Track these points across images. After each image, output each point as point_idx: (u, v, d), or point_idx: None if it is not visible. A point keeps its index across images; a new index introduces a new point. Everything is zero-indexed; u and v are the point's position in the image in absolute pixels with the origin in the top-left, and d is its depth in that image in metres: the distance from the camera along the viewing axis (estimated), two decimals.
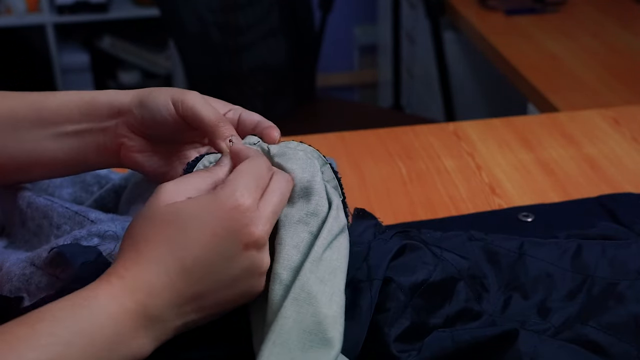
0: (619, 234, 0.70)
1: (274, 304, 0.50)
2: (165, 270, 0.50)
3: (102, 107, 0.62)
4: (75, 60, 2.72)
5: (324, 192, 0.56)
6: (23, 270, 0.59)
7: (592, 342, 0.56)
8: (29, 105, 0.63)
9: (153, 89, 0.62)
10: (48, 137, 0.63)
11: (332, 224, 0.54)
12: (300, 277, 0.51)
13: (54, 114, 0.62)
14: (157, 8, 1.85)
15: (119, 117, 0.62)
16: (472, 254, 0.64)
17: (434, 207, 0.84)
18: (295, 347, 0.48)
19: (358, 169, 0.92)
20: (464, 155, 0.95)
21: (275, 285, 0.51)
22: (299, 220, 0.53)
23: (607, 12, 1.89)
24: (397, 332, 0.56)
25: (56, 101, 0.63)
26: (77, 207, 0.63)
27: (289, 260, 0.52)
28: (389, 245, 0.60)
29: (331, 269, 0.52)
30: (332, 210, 0.55)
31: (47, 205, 0.64)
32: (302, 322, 0.49)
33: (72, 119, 0.62)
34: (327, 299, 0.51)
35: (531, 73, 1.56)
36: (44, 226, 0.63)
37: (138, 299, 0.49)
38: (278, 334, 0.49)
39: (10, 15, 2.55)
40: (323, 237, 0.53)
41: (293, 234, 0.53)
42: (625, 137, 0.98)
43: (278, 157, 0.57)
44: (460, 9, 1.95)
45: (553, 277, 0.63)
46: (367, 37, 2.81)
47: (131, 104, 0.62)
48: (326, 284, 0.51)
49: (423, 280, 0.59)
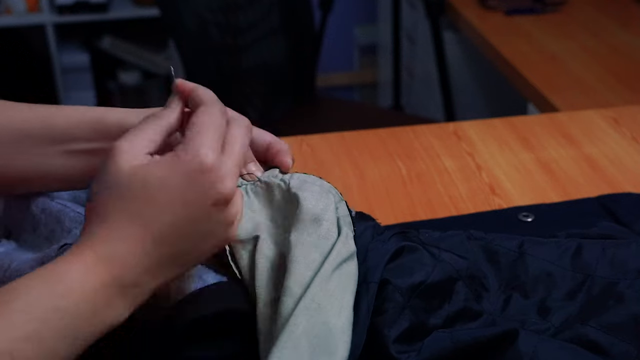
0: (620, 234, 0.70)
1: (284, 314, 0.52)
2: (139, 242, 0.50)
3: (111, 127, 0.62)
4: (75, 60, 2.71)
5: (335, 221, 0.57)
6: (32, 268, 0.59)
7: (592, 342, 0.56)
8: (40, 120, 0.63)
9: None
10: (58, 154, 0.62)
11: (340, 248, 0.56)
12: (311, 289, 0.52)
13: (63, 131, 0.62)
14: (157, 8, 1.85)
15: None
16: (472, 254, 0.64)
17: (434, 207, 0.84)
18: (304, 352, 0.49)
19: (358, 169, 0.92)
20: (464, 155, 0.95)
21: (286, 298, 0.52)
22: (310, 243, 0.55)
23: (607, 12, 1.89)
24: (396, 333, 0.56)
25: (65, 118, 0.63)
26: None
27: (301, 277, 0.53)
28: (387, 247, 0.60)
29: (341, 287, 0.54)
30: (341, 236, 0.57)
31: (60, 210, 0.64)
32: (312, 329, 0.51)
33: (82, 137, 0.62)
34: (337, 311, 0.52)
35: (531, 73, 1.56)
36: (56, 231, 0.63)
37: (113, 272, 0.49)
38: (288, 338, 0.50)
39: (10, 15, 2.55)
40: (332, 258, 0.55)
41: (306, 254, 0.54)
42: (625, 137, 0.98)
43: (295, 189, 0.58)
44: (460, 9, 1.95)
45: (553, 277, 0.63)
46: (367, 37, 2.81)
47: None
48: (336, 298, 0.53)
49: (421, 281, 0.59)
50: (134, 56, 2.77)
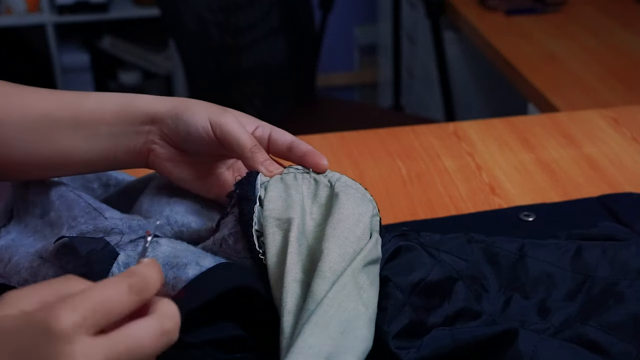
0: (620, 234, 0.70)
1: (316, 294, 0.53)
2: None
3: (136, 112, 0.63)
4: (75, 60, 2.71)
5: (369, 227, 0.59)
6: (31, 263, 0.60)
7: (592, 342, 0.57)
8: (65, 106, 0.63)
9: (190, 103, 0.63)
10: (81, 138, 0.63)
11: (371, 249, 0.57)
12: (343, 277, 0.54)
13: (89, 117, 0.63)
14: (157, 8, 1.85)
15: (153, 125, 0.63)
16: (472, 256, 0.64)
17: (434, 207, 0.84)
18: (334, 331, 0.51)
19: (358, 169, 0.92)
20: (464, 155, 0.95)
21: (320, 280, 0.54)
22: (345, 237, 0.56)
23: (607, 12, 1.89)
24: (396, 329, 0.56)
25: (91, 103, 0.64)
26: (98, 205, 0.65)
27: (335, 264, 0.55)
28: (386, 246, 0.60)
29: (369, 282, 0.55)
30: (372, 239, 0.58)
31: (74, 200, 0.65)
32: (344, 312, 0.52)
33: (107, 121, 0.63)
34: (365, 303, 0.54)
35: (531, 73, 1.56)
36: (63, 217, 0.64)
37: None
38: (321, 316, 0.51)
39: (10, 15, 2.55)
40: (364, 255, 0.56)
41: (340, 245, 0.56)
42: (625, 137, 0.98)
43: (338, 190, 0.60)
44: (460, 8, 1.95)
45: (553, 278, 0.63)
46: (367, 37, 2.81)
47: (166, 114, 0.63)
48: (365, 291, 0.55)
49: (420, 279, 0.59)
50: (134, 56, 2.77)
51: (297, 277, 0.55)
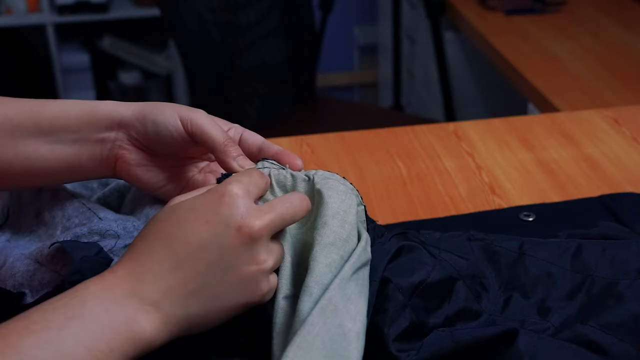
0: (621, 234, 0.70)
1: (302, 313, 0.52)
2: (158, 261, 0.51)
3: (101, 117, 0.62)
4: (75, 60, 2.72)
5: (355, 225, 0.57)
6: (27, 267, 0.59)
7: (592, 342, 0.56)
8: (26, 112, 0.62)
9: (156, 104, 0.63)
10: (42, 145, 0.62)
11: (360, 254, 0.56)
12: (329, 291, 0.52)
13: (50, 122, 0.62)
14: (157, 8, 1.85)
15: (119, 130, 0.62)
16: (472, 254, 0.64)
17: (434, 207, 0.84)
18: (318, 353, 0.50)
19: (358, 169, 0.92)
20: (464, 155, 0.95)
21: (305, 297, 0.53)
22: (331, 243, 0.55)
23: (607, 12, 1.89)
24: (396, 332, 0.56)
25: (54, 109, 0.63)
26: (92, 205, 0.65)
27: (321, 277, 0.53)
28: (387, 247, 0.60)
29: (357, 291, 0.54)
30: (361, 242, 0.57)
31: (68, 199, 0.65)
32: (328, 332, 0.51)
33: (70, 128, 0.62)
34: (352, 316, 0.52)
35: (531, 73, 1.56)
36: (56, 217, 0.64)
37: (130, 286, 0.50)
38: (303, 338, 0.50)
39: (10, 15, 2.55)
40: (352, 262, 0.55)
41: (327, 254, 0.55)
42: (625, 137, 0.98)
43: (319, 184, 0.58)
44: (460, 9, 1.95)
45: (553, 277, 0.63)
46: (367, 37, 2.81)
47: (133, 118, 0.62)
48: (352, 302, 0.53)
49: (421, 280, 0.59)
50: (134, 56, 2.77)
51: (288, 294, 0.55)
